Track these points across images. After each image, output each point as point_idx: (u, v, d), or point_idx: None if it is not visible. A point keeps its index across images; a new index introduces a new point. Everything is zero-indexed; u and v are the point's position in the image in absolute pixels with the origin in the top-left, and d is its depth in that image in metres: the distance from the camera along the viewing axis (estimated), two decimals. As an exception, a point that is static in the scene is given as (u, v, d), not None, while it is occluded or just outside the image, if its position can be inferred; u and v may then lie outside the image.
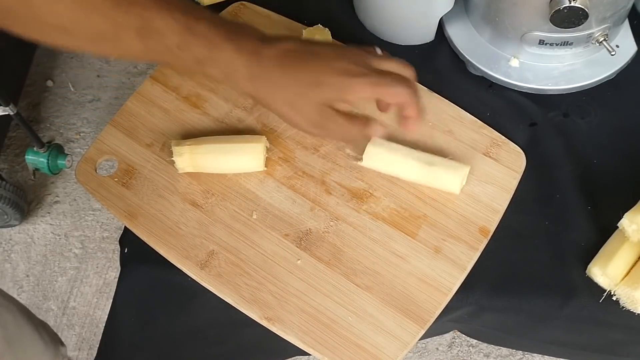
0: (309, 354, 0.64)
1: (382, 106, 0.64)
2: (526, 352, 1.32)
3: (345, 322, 0.63)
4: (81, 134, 1.69)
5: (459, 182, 0.68)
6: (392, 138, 0.69)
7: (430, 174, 0.68)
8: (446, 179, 0.68)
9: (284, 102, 0.59)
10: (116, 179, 0.72)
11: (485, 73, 0.77)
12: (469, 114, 0.74)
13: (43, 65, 1.79)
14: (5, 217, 1.49)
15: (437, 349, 1.35)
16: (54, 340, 0.90)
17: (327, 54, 0.60)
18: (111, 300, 0.72)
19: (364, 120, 0.61)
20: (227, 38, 0.56)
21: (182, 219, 0.69)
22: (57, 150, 1.52)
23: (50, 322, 1.43)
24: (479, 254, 0.66)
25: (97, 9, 0.51)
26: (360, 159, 0.70)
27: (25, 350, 0.82)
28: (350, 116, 0.60)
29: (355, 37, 0.82)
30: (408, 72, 0.62)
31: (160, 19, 0.54)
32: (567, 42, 0.72)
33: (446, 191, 0.69)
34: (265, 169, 0.71)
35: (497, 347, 1.33)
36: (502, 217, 0.68)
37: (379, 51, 0.63)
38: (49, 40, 0.55)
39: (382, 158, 0.69)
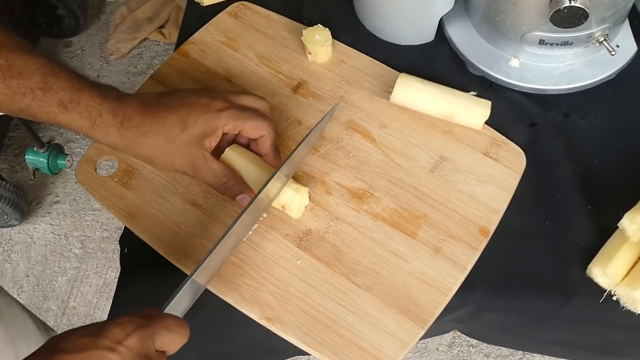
0: (309, 354, 0.64)
1: (241, 142, 0.68)
2: (526, 352, 1.32)
3: (345, 322, 0.63)
4: (81, 134, 1.69)
5: (484, 110, 0.71)
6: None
7: (457, 104, 0.71)
8: (473, 107, 0.71)
9: (153, 147, 0.61)
10: (116, 179, 0.72)
11: (485, 73, 0.77)
12: (469, 114, 0.74)
13: (43, 65, 1.79)
14: (5, 217, 1.49)
15: (437, 349, 1.35)
16: (45, 325, 0.90)
17: (187, 94, 0.63)
18: (111, 300, 0.72)
19: (239, 180, 0.65)
20: (89, 84, 0.58)
21: (182, 219, 0.69)
22: (57, 150, 1.52)
23: (50, 322, 1.43)
24: (479, 254, 0.66)
25: None
26: (387, 99, 0.73)
27: (17, 326, 0.82)
28: (226, 168, 0.64)
29: (355, 37, 0.82)
30: (262, 104, 0.67)
31: (23, 59, 0.55)
32: (567, 42, 0.72)
33: (469, 126, 0.72)
34: None
35: (497, 347, 1.33)
36: (502, 217, 0.68)
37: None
38: None
39: (410, 92, 0.72)
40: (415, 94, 0.72)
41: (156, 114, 0.61)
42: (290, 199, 0.66)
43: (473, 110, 0.71)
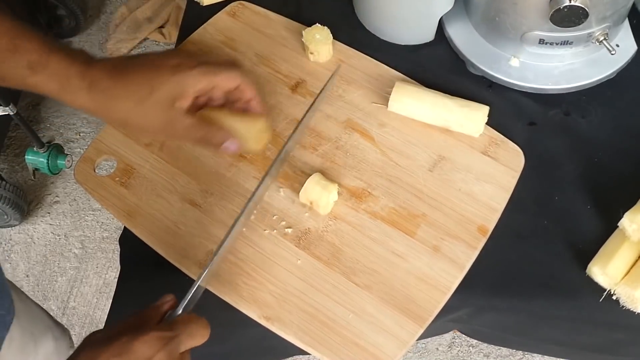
0: (309, 353, 0.63)
1: (216, 98, 0.63)
2: (526, 352, 1.32)
3: (344, 321, 0.62)
4: (81, 134, 1.69)
5: (480, 121, 0.70)
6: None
7: (452, 116, 0.70)
8: (468, 120, 0.70)
9: (124, 111, 0.59)
10: (116, 179, 0.72)
11: (486, 73, 0.77)
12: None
13: (43, 65, 1.79)
14: (5, 217, 1.49)
15: (437, 349, 1.35)
16: (59, 323, 0.91)
17: (156, 57, 0.60)
18: (111, 300, 0.72)
19: (217, 129, 0.61)
20: (58, 48, 0.57)
21: (181, 218, 0.69)
22: (56, 150, 1.52)
23: (50, 322, 1.43)
24: (478, 252, 0.66)
25: None
26: (385, 105, 0.73)
27: (36, 321, 0.82)
28: (201, 120, 0.60)
29: (355, 37, 0.82)
30: (235, 65, 0.62)
31: None
32: (567, 41, 0.72)
33: (467, 134, 0.72)
34: None
35: (497, 347, 1.33)
36: (502, 217, 0.68)
37: None
38: None
39: (407, 100, 0.72)
40: (410, 108, 0.72)
41: (124, 77, 0.58)
42: (318, 196, 0.66)
43: (469, 123, 0.71)
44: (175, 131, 0.60)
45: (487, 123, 0.72)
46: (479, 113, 0.70)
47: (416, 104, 0.72)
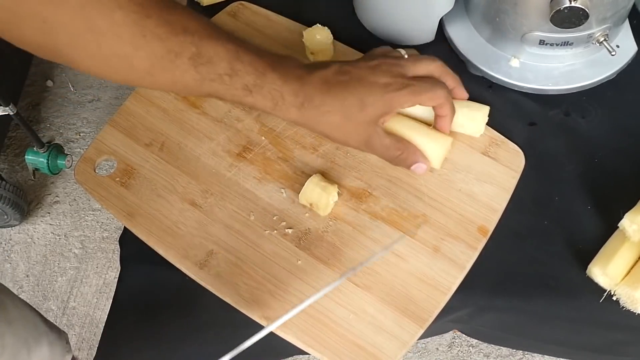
0: (309, 354, 0.64)
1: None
2: (526, 352, 1.32)
3: (344, 321, 0.63)
4: (81, 134, 1.69)
5: (480, 122, 0.70)
6: None
7: (456, 111, 0.69)
8: (469, 121, 0.70)
9: (332, 126, 0.62)
10: (116, 179, 0.72)
11: (486, 73, 0.77)
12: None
13: (43, 65, 1.80)
14: (5, 217, 1.49)
15: (437, 349, 1.35)
16: (51, 324, 0.91)
17: (364, 73, 0.63)
18: (111, 300, 0.72)
19: (412, 150, 0.65)
20: (272, 66, 0.59)
21: (181, 218, 0.69)
22: (57, 150, 1.52)
23: (50, 322, 1.43)
24: (478, 253, 0.66)
25: (155, 35, 0.53)
26: None
27: (29, 327, 0.82)
28: (398, 139, 0.65)
29: (355, 37, 0.82)
30: (435, 67, 0.66)
31: (211, 46, 0.56)
32: (568, 42, 0.72)
33: (467, 134, 0.71)
34: None
35: (497, 347, 1.33)
36: (502, 217, 0.68)
37: (403, 53, 0.68)
38: (107, 72, 0.56)
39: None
40: (410, 108, 0.72)
41: (335, 94, 0.61)
42: (318, 198, 0.67)
43: (469, 123, 0.71)
44: (373, 148, 0.64)
45: (487, 123, 0.72)
46: (479, 113, 0.70)
47: (413, 109, 0.71)
